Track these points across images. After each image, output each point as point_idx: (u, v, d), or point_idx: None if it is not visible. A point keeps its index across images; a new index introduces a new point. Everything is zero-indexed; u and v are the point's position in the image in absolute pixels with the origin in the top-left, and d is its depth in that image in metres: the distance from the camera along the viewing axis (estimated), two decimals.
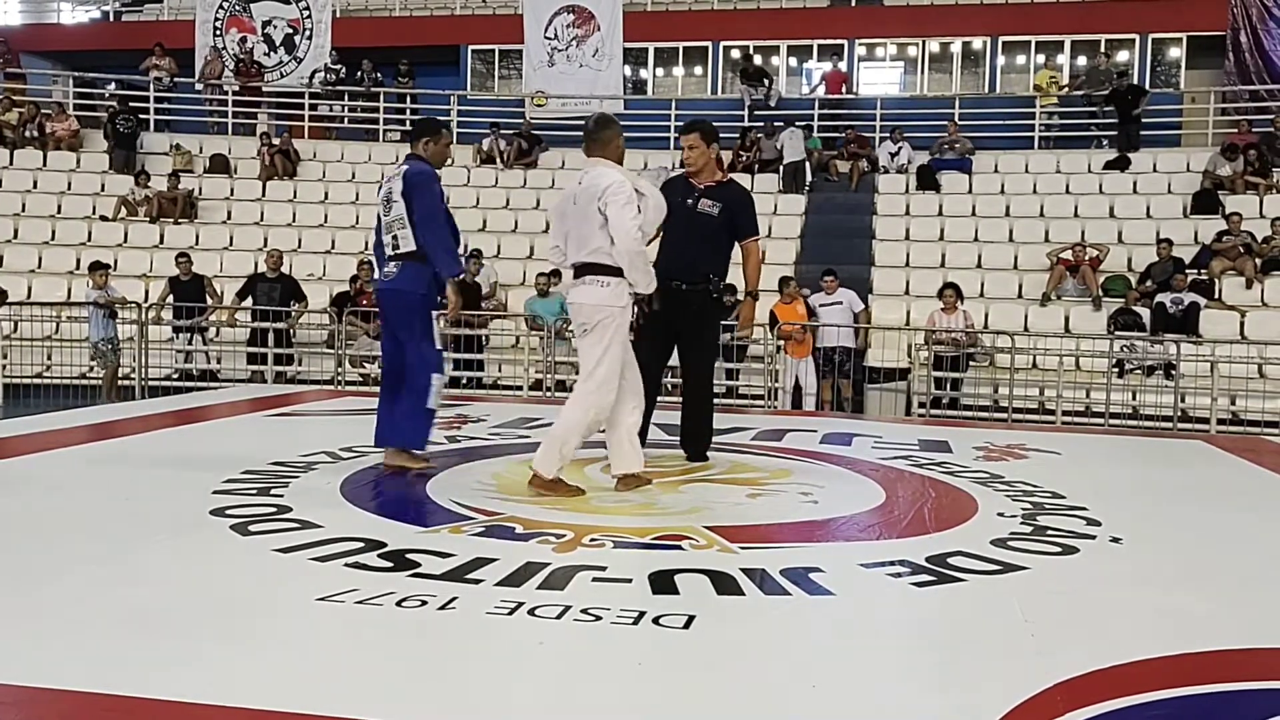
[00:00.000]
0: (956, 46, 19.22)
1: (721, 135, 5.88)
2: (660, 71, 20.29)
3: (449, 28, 20.11)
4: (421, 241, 4.85)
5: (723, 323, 6.33)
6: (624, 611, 2.88)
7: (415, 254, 4.88)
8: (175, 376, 11.40)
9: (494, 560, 3.35)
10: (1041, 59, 18.45)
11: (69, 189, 15.68)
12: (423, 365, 4.92)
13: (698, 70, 19.94)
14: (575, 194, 4.64)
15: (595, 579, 3.21)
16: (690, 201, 5.32)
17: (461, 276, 4.93)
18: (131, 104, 16.97)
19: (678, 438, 5.64)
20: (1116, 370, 10.41)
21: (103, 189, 15.62)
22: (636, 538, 3.75)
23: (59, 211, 15.10)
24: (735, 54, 19.47)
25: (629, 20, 18.15)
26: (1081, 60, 17.99)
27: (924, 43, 19.23)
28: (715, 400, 5.86)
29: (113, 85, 18.57)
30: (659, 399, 5.64)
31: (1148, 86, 16.66)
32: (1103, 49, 17.50)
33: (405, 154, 5.29)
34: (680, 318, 5.31)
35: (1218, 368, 9.84)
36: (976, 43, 18.99)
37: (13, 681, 2.32)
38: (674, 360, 5.66)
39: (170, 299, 11.80)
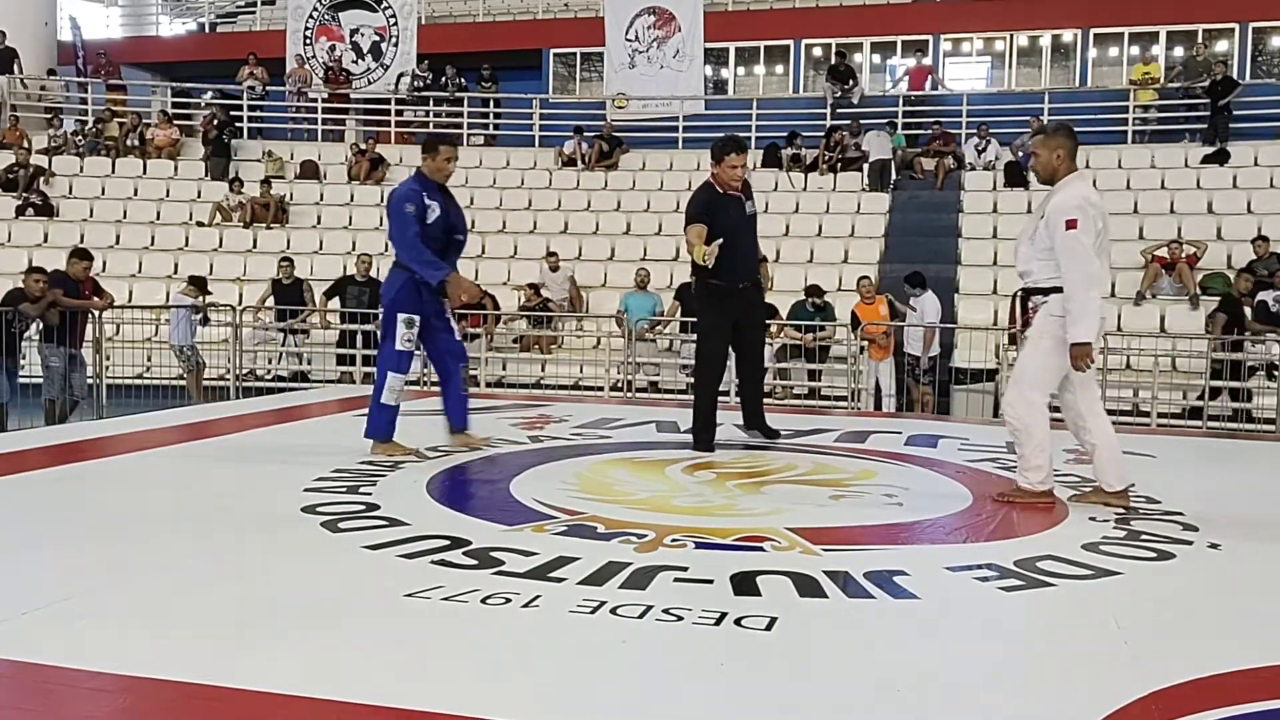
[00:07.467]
0: (1046, 40, 18.80)
1: (805, 135, 6.15)
2: (741, 71, 20.20)
3: (531, 32, 20.31)
4: (399, 260, 5.38)
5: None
6: (706, 612, 2.88)
7: (396, 262, 5.42)
8: (267, 377, 11.72)
9: (576, 559, 3.38)
10: (1135, 51, 17.92)
11: (167, 196, 16.20)
12: (382, 363, 5.48)
13: (779, 69, 19.81)
14: None
15: (677, 579, 3.21)
16: (744, 210, 5.88)
17: (445, 278, 5.26)
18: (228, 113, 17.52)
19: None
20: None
21: (199, 196, 16.11)
22: (718, 539, 3.75)
23: (158, 218, 15.60)
24: (817, 52, 19.30)
25: (710, 20, 18.12)
26: (1178, 51, 17.44)
27: (1012, 36, 18.84)
28: (797, 401, 6.05)
29: (209, 95, 19.14)
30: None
31: (1248, 78, 16.07)
32: (1200, 39, 16.93)
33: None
34: (743, 311, 5.96)
35: None
36: (1066, 35, 18.53)
37: (115, 671, 2.41)
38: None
39: (271, 300, 12.19)
